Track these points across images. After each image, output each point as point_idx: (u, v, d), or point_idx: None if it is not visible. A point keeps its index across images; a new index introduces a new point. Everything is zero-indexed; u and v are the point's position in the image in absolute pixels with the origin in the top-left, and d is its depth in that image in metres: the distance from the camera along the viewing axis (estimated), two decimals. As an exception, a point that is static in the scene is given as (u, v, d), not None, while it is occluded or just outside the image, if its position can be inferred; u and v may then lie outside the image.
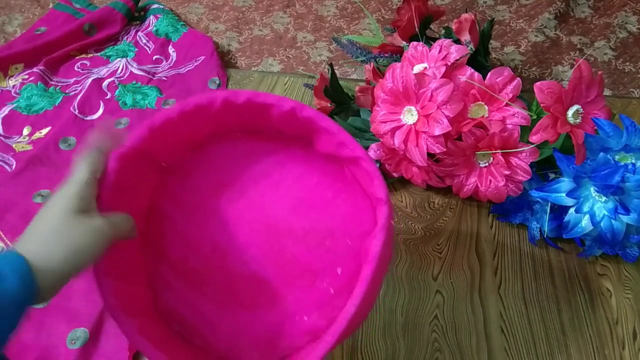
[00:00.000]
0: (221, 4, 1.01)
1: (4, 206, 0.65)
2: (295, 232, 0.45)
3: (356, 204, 0.45)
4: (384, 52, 0.75)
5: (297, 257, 0.45)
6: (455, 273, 0.58)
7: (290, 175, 0.47)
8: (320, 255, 0.44)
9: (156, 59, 0.87)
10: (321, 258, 0.44)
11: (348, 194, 0.46)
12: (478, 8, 0.95)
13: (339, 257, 0.44)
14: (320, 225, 0.45)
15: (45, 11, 0.99)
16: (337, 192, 0.46)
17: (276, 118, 0.43)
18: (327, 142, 0.43)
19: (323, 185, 0.46)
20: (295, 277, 0.44)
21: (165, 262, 0.45)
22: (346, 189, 0.46)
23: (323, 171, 0.47)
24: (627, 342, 0.52)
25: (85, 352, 0.52)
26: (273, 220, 0.46)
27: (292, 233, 0.45)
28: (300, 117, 0.42)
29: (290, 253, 0.45)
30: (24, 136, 0.75)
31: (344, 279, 0.43)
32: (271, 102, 0.42)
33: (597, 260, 0.58)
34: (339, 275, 0.43)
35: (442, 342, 0.52)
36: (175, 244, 0.46)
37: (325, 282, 0.44)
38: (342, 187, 0.46)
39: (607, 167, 0.50)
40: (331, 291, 0.43)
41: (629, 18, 0.90)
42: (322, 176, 0.47)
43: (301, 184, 0.46)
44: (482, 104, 0.56)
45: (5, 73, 0.84)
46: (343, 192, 0.46)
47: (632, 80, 0.81)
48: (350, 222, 0.45)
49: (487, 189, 0.58)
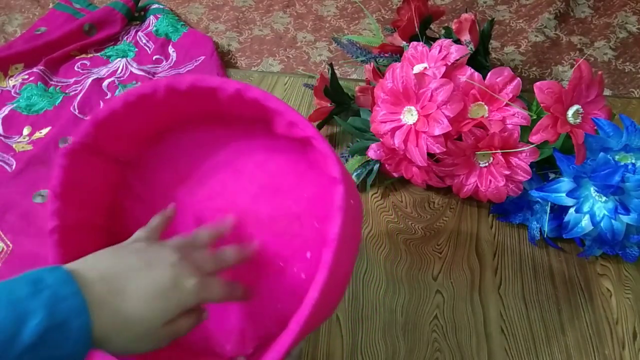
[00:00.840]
0: (221, 4, 1.01)
1: (4, 206, 0.65)
2: (261, 220, 0.45)
3: (321, 185, 0.43)
4: (384, 52, 0.75)
5: (266, 244, 0.44)
6: (455, 273, 0.58)
7: (250, 162, 0.46)
8: (288, 241, 0.44)
9: (156, 59, 0.87)
10: (289, 243, 0.44)
11: (312, 176, 0.44)
12: (478, 8, 0.95)
13: (307, 241, 0.43)
14: (285, 210, 0.44)
15: (45, 11, 0.98)
16: (301, 175, 0.45)
17: (225, 101, 0.41)
18: (279, 123, 0.41)
19: (286, 168, 0.45)
20: (265, 265, 0.44)
21: None
22: (309, 171, 0.44)
23: (285, 154, 0.45)
24: (627, 342, 0.52)
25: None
26: (237, 209, 0.45)
27: (258, 220, 0.45)
28: (247, 99, 0.39)
29: (258, 240, 0.44)
30: (24, 136, 0.75)
31: (313, 263, 0.42)
32: (215, 85, 0.40)
33: (597, 260, 0.58)
34: (309, 259, 0.43)
35: (442, 342, 0.52)
36: None
37: (296, 267, 0.43)
38: (304, 169, 0.44)
39: (607, 167, 0.50)
40: (302, 276, 0.42)
41: (629, 18, 0.90)
42: (284, 160, 0.45)
43: (263, 169, 0.45)
44: (482, 104, 0.56)
45: (5, 73, 0.84)
46: (306, 174, 0.44)
47: (632, 80, 0.81)
48: (315, 204, 0.44)
49: (487, 189, 0.58)
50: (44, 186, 0.68)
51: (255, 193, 0.45)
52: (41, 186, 0.68)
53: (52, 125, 0.76)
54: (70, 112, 0.77)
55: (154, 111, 0.43)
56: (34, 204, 0.66)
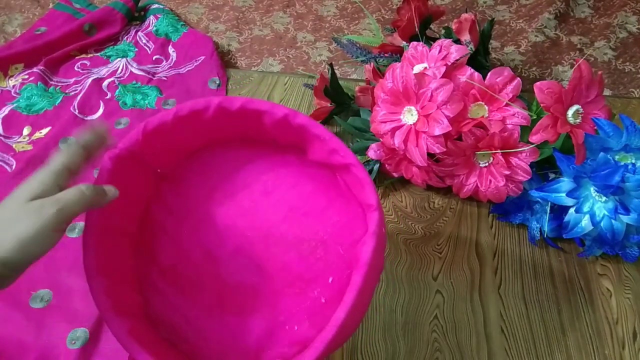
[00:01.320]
0: (221, 4, 1.01)
1: (4, 206, 0.65)
2: (287, 240, 0.45)
3: (348, 212, 0.45)
4: (384, 52, 0.75)
5: (289, 265, 0.44)
6: (455, 273, 0.58)
7: (283, 184, 0.47)
8: (311, 264, 0.44)
9: (156, 59, 0.87)
10: (313, 266, 0.44)
11: (340, 203, 0.45)
12: (478, 8, 0.95)
13: (330, 266, 0.44)
14: (312, 234, 0.45)
15: (45, 11, 0.99)
16: (330, 201, 0.46)
17: (269, 125, 0.43)
18: (319, 149, 0.43)
19: (316, 193, 0.46)
20: (286, 285, 0.44)
21: (156, 267, 0.45)
22: (339, 198, 0.46)
23: (316, 180, 0.47)
24: (627, 342, 0.52)
25: (85, 352, 0.52)
26: (265, 227, 0.46)
27: (284, 241, 0.45)
28: (293, 124, 0.41)
29: (281, 261, 0.45)
30: (24, 136, 0.75)
31: (335, 288, 0.43)
32: (264, 108, 0.42)
33: (597, 260, 0.58)
34: (330, 284, 0.43)
35: (442, 342, 0.52)
36: (167, 250, 0.46)
37: (317, 290, 0.43)
38: (334, 195, 0.46)
39: (607, 167, 0.50)
40: (322, 300, 0.43)
41: (629, 18, 0.90)
42: (315, 184, 0.46)
43: (294, 192, 0.46)
44: (482, 104, 0.56)
45: (5, 73, 0.84)
46: (335, 200, 0.46)
47: (632, 80, 0.81)
48: (342, 230, 0.44)
49: (487, 189, 0.58)
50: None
51: (284, 214, 0.46)
52: (41, 186, 0.68)
53: (52, 125, 0.76)
54: (70, 112, 0.77)
55: (201, 127, 0.44)
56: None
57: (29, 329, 0.53)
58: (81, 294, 0.56)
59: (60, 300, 0.56)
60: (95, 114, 0.78)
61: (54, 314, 0.55)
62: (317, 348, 0.34)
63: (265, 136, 0.46)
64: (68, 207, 0.34)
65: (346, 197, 0.45)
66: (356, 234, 0.43)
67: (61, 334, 0.53)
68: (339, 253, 0.44)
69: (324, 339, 0.34)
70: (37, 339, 0.53)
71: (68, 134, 0.74)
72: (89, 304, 0.55)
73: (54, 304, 0.56)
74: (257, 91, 0.81)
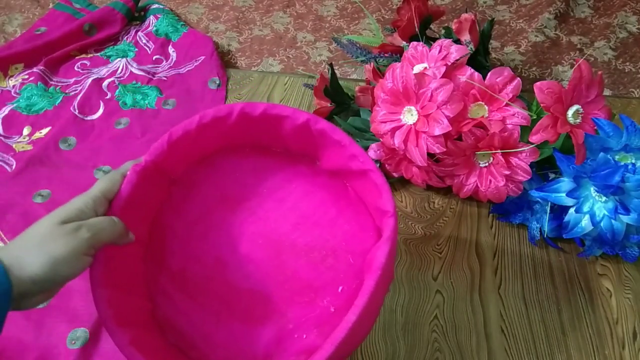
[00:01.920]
0: (221, 4, 1.01)
1: (4, 206, 0.65)
2: (297, 248, 0.45)
3: (359, 222, 0.45)
4: (384, 52, 0.75)
5: (299, 274, 0.44)
6: (455, 273, 0.58)
7: (296, 192, 0.47)
8: (321, 273, 0.44)
9: (156, 59, 0.87)
10: (322, 275, 0.44)
11: (350, 212, 0.46)
12: (478, 8, 0.95)
13: (340, 275, 0.44)
14: (323, 243, 0.45)
15: (45, 11, 0.99)
16: (341, 210, 0.46)
17: (289, 131, 0.43)
18: (336, 156, 0.43)
19: (326, 202, 0.46)
20: (296, 293, 0.44)
21: (166, 272, 0.45)
22: (348, 207, 0.46)
23: (326, 189, 0.47)
24: (627, 342, 0.52)
25: (85, 352, 0.52)
26: (276, 235, 0.46)
27: (294, 249, 0.45)
28: (314, 130, 0.42)
29: (291, 269, 0.44)
30: (24, 136, 0.75)
31: (344, 298, 0.43)
32: (286, 114, 0.42)
33: (597, 260, 0.58)
34: (340, 293, 0.43)
35: (442, 342, 0.52)
36: (177, 255, 0.46)
37: (326, 299, 0.43)
38: (344, 205, 0.46)
39: (607, 167, 0.50)
40: (331, 309, 0.43)
41: (629, 18, 0.90)
42: (325, 194, 0.47)
43: (305, 200, 0.47)
44: (482, 104, 0.56)
45: (5, 73, 0.84)
46: (345, 209, 0.46)
47: (632, 80, 0.81)
48: (352, 239, 0.45)
49: (487, 189, 0.58)
50: (44, 186, 0.68)
51: (295, 222, 0.46)
52: (41, 186, 0.68)
53: (52, 125, 0.76)
54: (70, 112, 0.77)
55: (222, 134, 0.44)
56: (34, 204, 0.66)
57: (29, 329, 0.53)
58: (81, 294, 0.56)
59: (60, 300, 0.56)
60: (95, 114, 0.78)
61: (53, 314, 0.55)
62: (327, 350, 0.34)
63: (278, 144, 0.46)
64: (100, 234, 0.36)
65: (356, 206, 0.46)
66: (366, 244, 0.43)
67: (61, 334, 0.53)
68: (349, 262, 0.44)
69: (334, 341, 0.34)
70: (37, 339, 0.53)
71: (68, 134, 0.75)
72: (89, 304, 0.55)
73: (54, 304, 0.55)
74: (257, 91, 0.81)
